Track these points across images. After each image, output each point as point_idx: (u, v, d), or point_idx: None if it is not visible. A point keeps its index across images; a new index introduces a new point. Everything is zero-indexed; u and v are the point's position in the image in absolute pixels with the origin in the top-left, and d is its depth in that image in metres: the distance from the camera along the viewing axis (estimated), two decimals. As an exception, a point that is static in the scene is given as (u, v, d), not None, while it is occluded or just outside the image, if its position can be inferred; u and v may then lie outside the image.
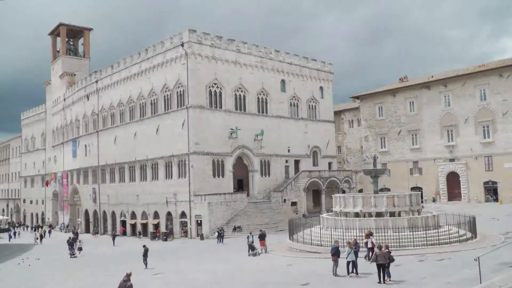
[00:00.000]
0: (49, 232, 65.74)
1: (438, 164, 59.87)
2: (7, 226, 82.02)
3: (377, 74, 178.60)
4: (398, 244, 24.87)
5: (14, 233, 65.78)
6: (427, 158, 61.30)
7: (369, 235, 23.71)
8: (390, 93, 66.16)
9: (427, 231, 26.37)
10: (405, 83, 66.62)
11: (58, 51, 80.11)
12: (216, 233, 41.18)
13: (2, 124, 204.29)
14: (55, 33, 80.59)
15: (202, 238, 44.90)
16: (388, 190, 60.05)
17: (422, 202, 39.44)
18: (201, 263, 28.12)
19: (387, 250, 18.48)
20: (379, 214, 28.17)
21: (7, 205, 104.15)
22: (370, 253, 22.30)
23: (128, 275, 15.47)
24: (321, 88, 63.31)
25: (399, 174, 63.58)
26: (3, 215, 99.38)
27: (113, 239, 48.29)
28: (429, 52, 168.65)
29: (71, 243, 40.34)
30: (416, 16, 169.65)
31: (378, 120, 67.31)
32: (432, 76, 63.98)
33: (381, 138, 66.82)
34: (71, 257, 37.62)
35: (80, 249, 39.12)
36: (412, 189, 60.32)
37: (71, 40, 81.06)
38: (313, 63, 62.45)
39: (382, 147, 66.38)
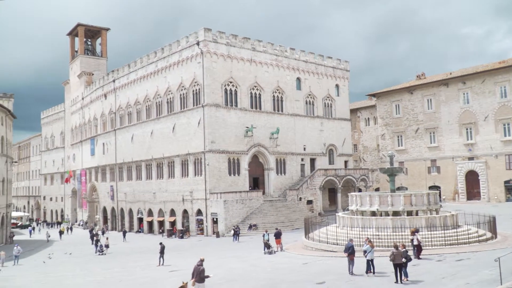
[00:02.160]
0: (71, 229, 67.04)
1: (457, 162, 58.94)
2: (28, 223, 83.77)
3: (393, 72, 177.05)
4: (415, 243, 24.55)
5: (33, 228, 67.29)
6: (445, 157, 60.38)
7: (415, 232, 23.09)
8: (407, 90, 65.34)
9: (445, 231, 25.97)
10: (423, 81, 65.71)
11: (77, 51, 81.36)
12: (232, 231, 41.31)
13: (23, 123, 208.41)
14: (73, 33, 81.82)
15: (218, 235, 45.12)
16: (406, 189, 59.34)
17: (440, 201, 38.93)
18: (217, 261, 28.20)
19: (404, 249, 18.28)
20: (396, 213, 27.86)
21: (28, 202, 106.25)
22: (416, 251, 22.08)
23: (202, 260, 17.06)
24: (337, 86, 62.90)
25: (416, 173, 62.85)
26: (24, 211, 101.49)
27: (124, 235, 50.06)
28: (444, 50, 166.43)
29: (97, 240, 41.09)
30: (429, 13, 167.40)
31: (394, 118, 66.57)
32: (451, 73, 62.95)
33: (398, 136, 66.07)
34: (99, 254, 38.13)
35: (107, 246, 39.64)
36: (430, 188, 59.60)
37: (89, 40, 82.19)
38: (328, 61, 62.07)
39: (399, 145, 65.63)
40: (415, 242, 22.40)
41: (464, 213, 30.52)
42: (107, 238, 42.23)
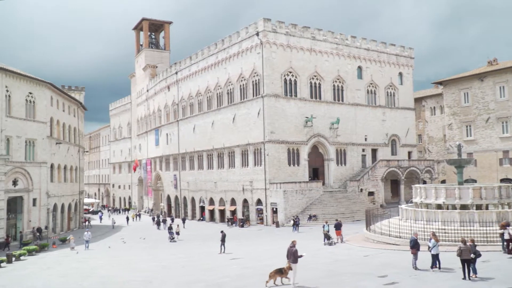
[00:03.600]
0: (139, 215, 70.71)
1: (533, 154, 54.87)
2: (99, 209, 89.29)
3: (461, 58, 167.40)
4: (485, 239, 23.32)
5: (103, 214, 71.68)
6: (520, 148, 56.37)
7: (505, 225, 21.81)
8: (477, 77, 61.51)
9: (519, 226, 24.40)
10: (495, 67, 61.49)
11: (141, 45, 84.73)
12: (292, 221, 41.47)
13: (93, 114, 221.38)
14: (138, 27, 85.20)
15: (277, 225, 45.47)
16: (474, 181, 56.25)
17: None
18: (277, 250, 28.41)
19: (472, 244, 17.42)
20: (463, 207, 26.58)
21: (99, 189, 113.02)
22: (507, 245, 21.16)
23: (293, 242, 17.99)
24: (400, 74, 60.68)
25: (486, 165, 59.28)
26: (95, 198, 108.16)
27: (183, 222, 52.49)
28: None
29: (170, 227, 43.16)
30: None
31: (463, 107, 63.05)
32: (527, 58, 58.45)
33: (467, 126, 62.56)
34: (170, 241, 39.70)
35: (177, 233, 41.28)
36: (502, 180, 55.98)
37: (153, 34, 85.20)
38: (391, 48, 59.94)
39: (467, 136, 62.17)
40: (506, 237, 21.09)
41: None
42: (177, 226, 43.96)
